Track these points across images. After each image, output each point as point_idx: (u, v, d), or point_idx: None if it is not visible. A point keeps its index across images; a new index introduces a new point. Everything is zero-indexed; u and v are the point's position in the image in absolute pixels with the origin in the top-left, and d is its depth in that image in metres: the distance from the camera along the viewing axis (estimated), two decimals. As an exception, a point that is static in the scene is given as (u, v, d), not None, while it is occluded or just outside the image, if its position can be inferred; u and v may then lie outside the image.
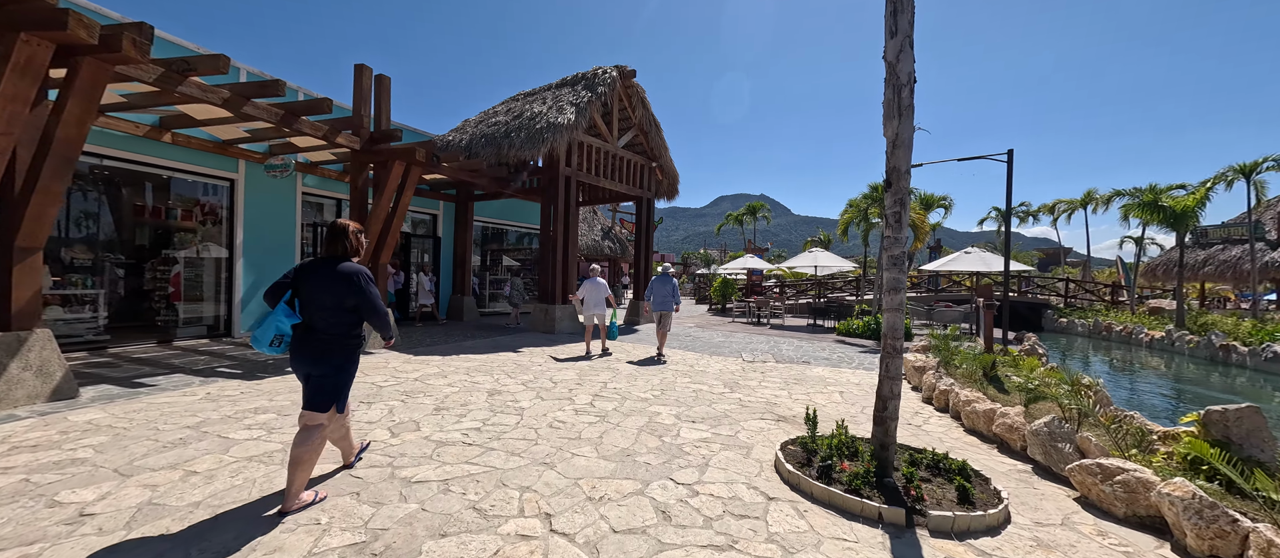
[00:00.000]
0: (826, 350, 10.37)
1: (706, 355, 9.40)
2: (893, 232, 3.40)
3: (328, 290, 2.78)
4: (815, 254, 15.56)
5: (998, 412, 4.38)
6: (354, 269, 2.83)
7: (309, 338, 2.80)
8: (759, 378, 7.32)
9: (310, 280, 2.80)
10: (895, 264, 3.39)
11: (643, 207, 15.18)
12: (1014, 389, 6.16)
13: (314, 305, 2.80)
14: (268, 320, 2.73)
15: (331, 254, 2.90)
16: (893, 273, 3.39)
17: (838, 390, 6.61)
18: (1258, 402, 10.27)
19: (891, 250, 3.41)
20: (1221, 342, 12.23)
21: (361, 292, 2.80)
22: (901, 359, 3.37)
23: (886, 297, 3.43)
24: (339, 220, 2.94)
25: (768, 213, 33.61)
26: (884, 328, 3.41)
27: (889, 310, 3.40)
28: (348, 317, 2.84)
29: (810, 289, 23.71)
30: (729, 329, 13.99)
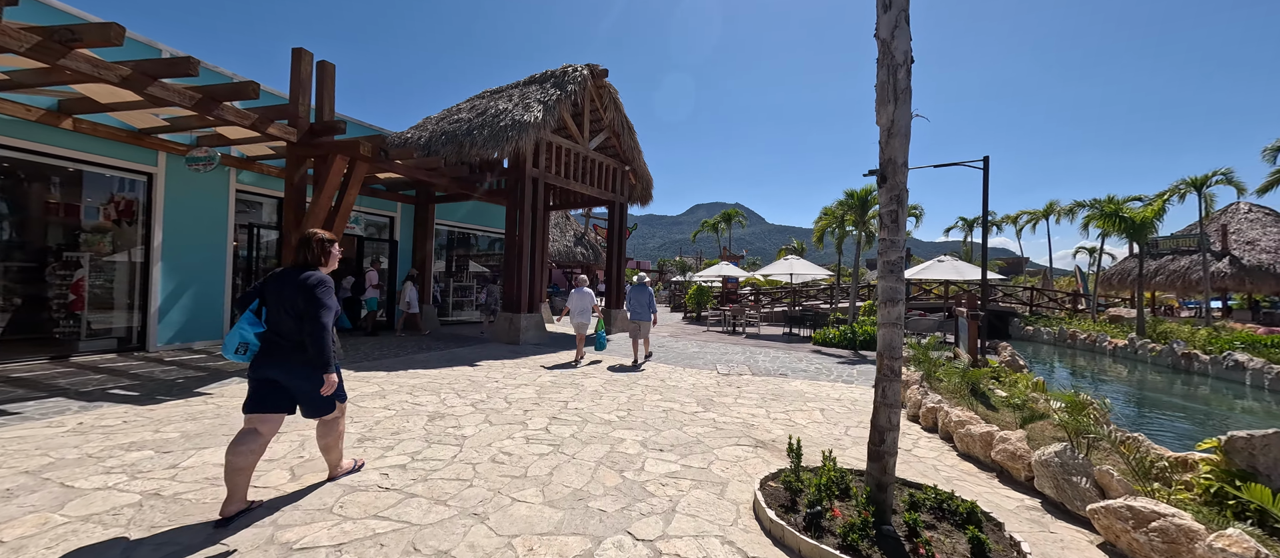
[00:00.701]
0: (804, 361, 9.97)
1: (680, 368, 8.85)
2: (889, 234, 2.92)
3: (288, 298, 2.79)
4: (791, 262, 15.29)
5: (996, 436, 3.94)
6: (315, 278, 2.83)
7: (275, 346, 2.83)
8: (735, 393, 6.80)
9: (273, 288, 2.84)
10: (892, 271, 2.90)
11: (615, 211, 14.61)
12: (1001, 405, 5.82)
13: (277, 313, 2.82)
14: (233, 329, 2.80)
15: (297, 263, 2.93)
16: (889, 282, 2.90)
17: (819, 407, 6.14)
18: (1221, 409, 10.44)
19: (887, 255, 2.92)
20: (1183, 350, 12.44)
21: (311, 299, 2.76)
22: (900, 383, 2.87)
23: (882, 309, 2.93)
24: (311, 230, 2.98)
25: (743, 219, 33.60)
26: (880, 346, 2.91)
27: (884, 325, 2.91)
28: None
29: (785, 297, 23.55)
30: (704, 339, 13.51)
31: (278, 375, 2.80)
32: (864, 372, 8.93)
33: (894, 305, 2.88)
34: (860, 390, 7.32)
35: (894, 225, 2.89)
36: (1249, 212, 24.03)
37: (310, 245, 2.92)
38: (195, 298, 8.91)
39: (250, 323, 2.82)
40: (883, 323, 2.91)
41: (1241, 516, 2.93)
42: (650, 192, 15.38)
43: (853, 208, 12.49)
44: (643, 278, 9.48)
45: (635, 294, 9.15)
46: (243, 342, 2.79)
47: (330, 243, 3.00)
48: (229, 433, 4.22)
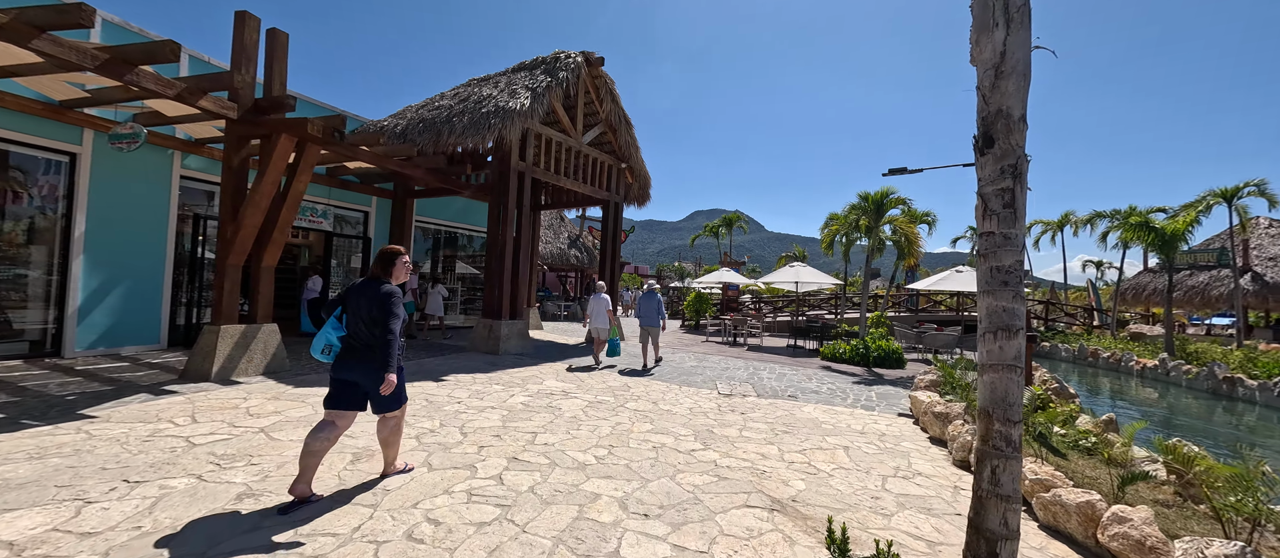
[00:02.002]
0: (814, 380, 8.91)
1: (675, 386, 7.79)
2: (1000, 226, 1.91)
3: (365, 307, 3.10)
4: (796, 269, 14.29)
5: (1107, 514, 2.89)
6: (388, 290, 3.13)
7: (353, 349, 3.15)
8: (739, 423, 5.74)
9: (354, 297, 3.16)
10: (1005, 284, 1.87)
11: (610, 211, 13.59)
12: (1063, 446, 4.78)
13: (355, 320, 3.14)
14: (320, 333, 3.15)
15: (374, 275, 3.24)
16: (1001, 299, 1.89)
17: (841, 445, 5.08)
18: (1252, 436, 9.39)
19: (997, 257, 1.91)
20: (1224, 374, 11.42)
21: (383, 308, 3.08)
22: (1020, 462, 1.83)
23: (989, 343, 1.89)
24: (387, 246, 3.32)
25: (744, 224, 32.60)
26: (984, 400, 1.89)
27: (992, 368, 1.87)
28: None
29: (788, 306, 22.52)
30: (703, 351, 12.46)
31: (356, 377, 3.12)
32: (884, 395, 7.88)
33: (1011, 338, 1.84)
34: (886, 420, 6.26)
35: (1009, 213, 1.87)
36: (1269, 227, 23.15)
37: (385, 258, 3.27)
38: (126, 297, 7.84)
39: (334, 328, 3.16)
40: (989, 365, 1.87)
41: None
42: (648, 191, 14.37)
43: (866, 212, 11.50)
44: (652, 285, 9.84)
45: (645, 301, 9.49)
46: (328, 343, 3.15)
47: (399, 256, 3.29)
48: (81, 481, 3.17)
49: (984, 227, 1.92)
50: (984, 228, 1.92)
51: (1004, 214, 1.88)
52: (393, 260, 3.26)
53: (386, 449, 3.50)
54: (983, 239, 1.93)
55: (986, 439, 1.88)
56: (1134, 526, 2.69)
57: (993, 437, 1.86)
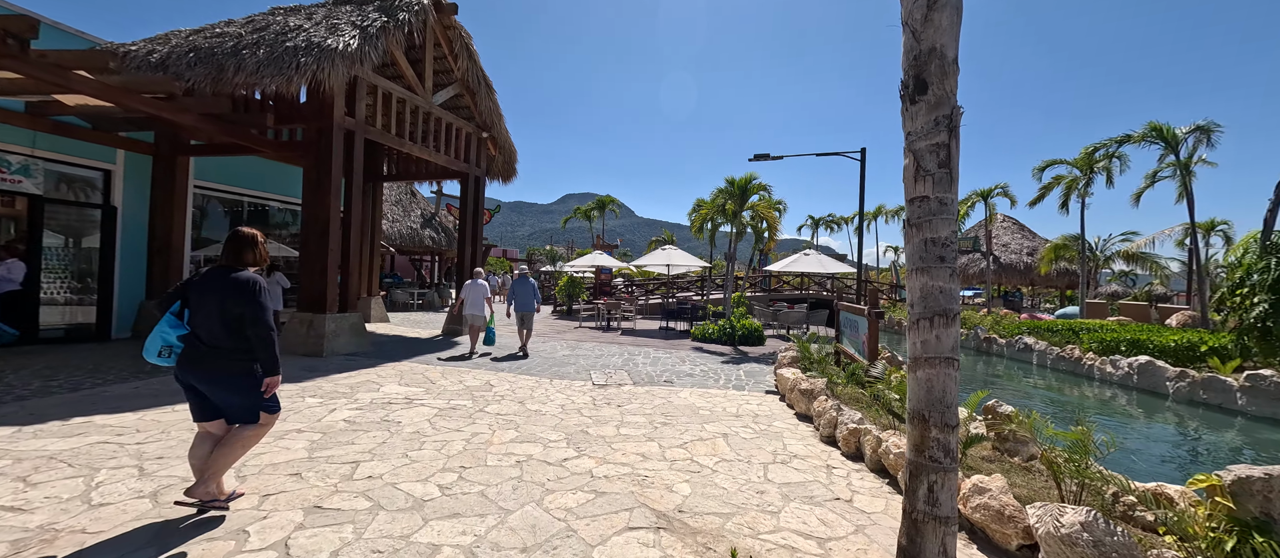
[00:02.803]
0: (687, 363, 8.92)
1: (546, 379, 7.03)
2: (934, 189, 1.56)
3: (219, 301, 2.71)
4: (667, 252, 14.44)
5: (968, 485, 2.97)
6: (249, 278, 2.77)
7: (196, 352, 2.75)
8: (617, 418, 5.25)
9: (199, 290, 2.76)
10: (942, 262, 1.54)
11: (470, 186, 12.02)
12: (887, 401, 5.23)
13: (202, 317, 2.74)
14: (154, 331, 2.74)
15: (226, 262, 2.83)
16: (936, 279, 1.54)
17: (721, 433, 4.89)
18: (1014, 383, 12.28)
19: (933, 229, 1.59)
20: (984, 334, 14.58)
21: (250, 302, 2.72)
22: (957, 475, 1.53)
23: (923, 332, 1.57)
24: (243, 229, 2.89)
25: (616, 209, 32.57)
26: (917, 403, 1.55)
27: (927, 362, 1.55)
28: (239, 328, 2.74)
29: (659, 289, 23.07)
30: (576, 337, 11.83)
31: (197, 383, 2.76)
32: (751, 373, 8.15)
33: (948, 325, 1.53)
34: (756, 400, 6.36)
35: (945, 174, 1.55)
36: (1003, 220, 30.56)
37: (241, 242, 2.86)
38: None
39: (172, 326, 2.77)
40: (924, 359, 1.54)
41: None
42: (514, 166, 13.08)
43: (732, 196, 11.98)
44: (524, 270, 10.52)
45: (520, 285, 9.32)
46: (166, 344, 2.75)
47: (257, 242, 2.91)
48: None
49: (915, 191, 1.61)
50: (915, 192, 1.61)
51: (939, 175, 1.58)
52: (250, 247, 2.89)
53: (212, 464, 2.82)
54: (914, 206, 1.61)
55: (922, 449, 1.60)
56: (993, 496, 2.80)
57: (929, 446, 1.57)
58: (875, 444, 3.96)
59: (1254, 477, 2.50)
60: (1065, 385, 10.60)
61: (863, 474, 3.93)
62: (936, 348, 1.60)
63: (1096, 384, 10.40)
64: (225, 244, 2.87)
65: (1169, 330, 11.27)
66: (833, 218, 37.55)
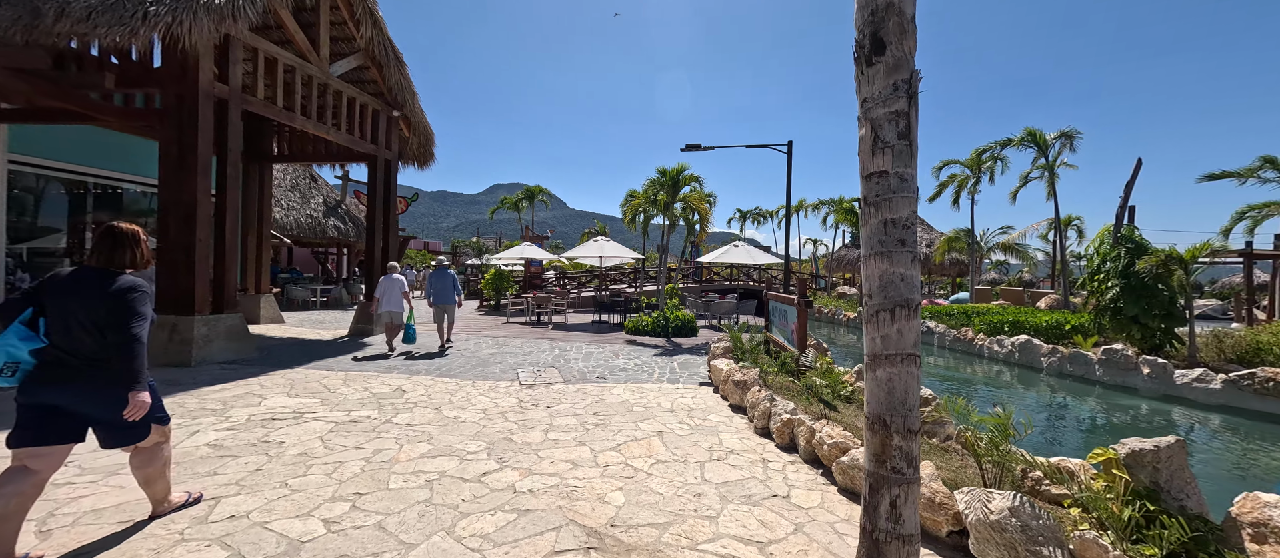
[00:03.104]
0: (621, 357, 8.67)
1: (467, 381, 6.45)
2: (892, 163, 1.40)
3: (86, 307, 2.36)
4: (600, 243, 14.09)
5: (900, 472, 2.97)
6: (127, 283, 2.43)
7: (60, 366, 2.35)
8: (545, 421, 4.86)
9: (59, 294, 2.38)
10: (903, 245, 1.38)
11: (379, 170, 10.84)
12: (832, 399, 5.35)
13: (65, 325, 2.37)
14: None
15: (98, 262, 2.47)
16: (897, 264, 1.38)
17: (655, 431, 4.68)
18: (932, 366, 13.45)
19: (893, 208, 1.44)
20: (894, 319, 15.82)
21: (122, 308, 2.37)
22: (918, 488, 1.38)
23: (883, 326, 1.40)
24: (120, 224, 2.53)
25: (547, 199, 31.45)
26: (876, 407, 1.40)
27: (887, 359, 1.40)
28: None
29: (591, 281, 22.65)
30: (504, 334, 11.15)
31: (63, 401, 2.36)
32: (685, 365, 8.08)
33: (910, 318, 1.36)
34: (690, 393, 6.25)
35: (904, 145, 1.38)
36: (907, 216, 33.54)
37: (119, 240, 2.49)
38: None
39: (22, 337, 2.30)
40: (884, 356, 1.37)
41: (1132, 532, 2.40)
42: (431, 149, 12.01)
43: (665, 186, 11.87)
44: (442, 261, 9.51)
45: (438, 277, 9.03)
46: (11, 360, 2.26)
47: (137, 239, 2.54)
48: None
49: (873, 165, 1.43)
50: (873, 166, 1.43)
51: (898, 147, 1.41)
52: (126, 246, 2.53)
53: (149, 488, 2.74)
54: (872, 183, 1.43)
55: (882, 459, 1.43)
56: (923, 483, 2.79)
57: (891, 455, 1.40)
58: (808, 435, 3.94)
59: (1145, 449, 2.68)
60: (961, 364, 11.73)
61: (798, 466, 3.89)
62: (898, 343, 1.43)
63: (986, 361, 11.61)
64: (96, 241, 2.52)
65: (1041, 312, 12.85)
66: (759, 210, 39.17)
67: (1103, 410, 7.89)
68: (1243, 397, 7.12)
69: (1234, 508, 2.42)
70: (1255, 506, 2.32)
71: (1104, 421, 7.54)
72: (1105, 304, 9.36)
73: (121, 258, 2.51)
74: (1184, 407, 7.61)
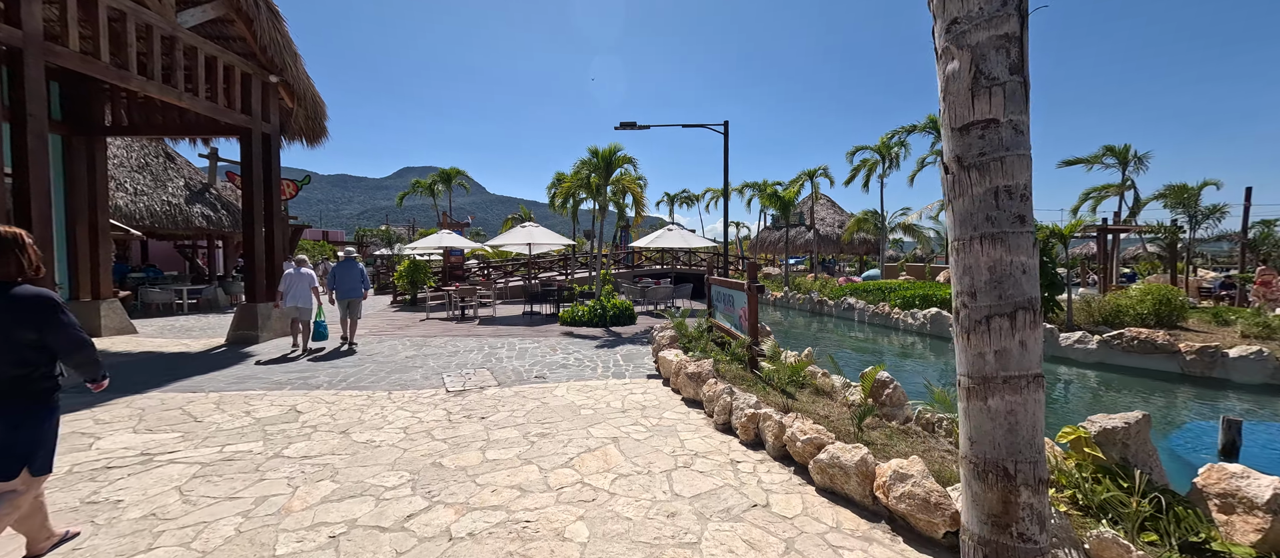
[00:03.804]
0: (559, 351, 8.06)
1: (382, 392, 5.53)
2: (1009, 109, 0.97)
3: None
4: (529, 229, 13.16)
5: (886, 472, 2.77)
6: (43, 297, 2.27)
7: None
8: (481, 436, 4.19)
9: None
10: (1021, 222, 0.96)
11: (254, 145, 9.08)
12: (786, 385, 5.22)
13: None
14: None
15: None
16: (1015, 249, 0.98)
17: (610, 438, 4.21)
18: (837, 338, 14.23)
19: (1005, 172, 1.02)
20: (818, 298, 16.63)
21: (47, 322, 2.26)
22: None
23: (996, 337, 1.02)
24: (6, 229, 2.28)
25: (465, 183, 29.15)
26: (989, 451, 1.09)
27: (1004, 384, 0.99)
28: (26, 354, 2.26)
29: (519, 270, 21.46)
30: (423, 332, 10.01)
31: None
32: (629, 357, 7.66)
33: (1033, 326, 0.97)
34: (640, 388, 5.84)
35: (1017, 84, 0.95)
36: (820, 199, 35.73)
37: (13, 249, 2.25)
38: None
39: None
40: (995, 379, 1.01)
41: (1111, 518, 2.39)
42: (322, 123, 10.32)
43: (597, 168, 11.23)
44: (350, 252, 9.04)
45: (344, 270, 8.41)
46: None
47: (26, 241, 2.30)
48: None
49: (974, 111, 1.03)
50: (974, 113, 1.03)
51: (1011, 86, 1.01)
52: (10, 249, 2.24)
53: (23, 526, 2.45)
54: (970, 137, 1.03)
55: (1004, 522, 1.03)
56: (916, 482, 2.62)
57: (1018, 516, 1.00)
58: (777, 431, 3.69)
59: (1116, 427, 2.68)
60: (880, 337, 12.53)
61: (768, 466, 3.63)
62: (1021, 361, 1.06)
63: (901, 333, 12.50)
64: None
65: (945, 286, 14.09)
66: (687, 194, 39.62)
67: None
68: (1113, 354, 8.18)
69: (1199, 479, 2.47)
70: (1222, 477, 2.36)
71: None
72: (1001, 276, 10.35)
73: (7, 266, 2.24)
74: (1068, 365, 8.62)
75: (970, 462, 1.19)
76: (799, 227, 32.05)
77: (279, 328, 9.14)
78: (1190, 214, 12.08)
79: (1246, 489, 2.25)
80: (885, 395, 4.23)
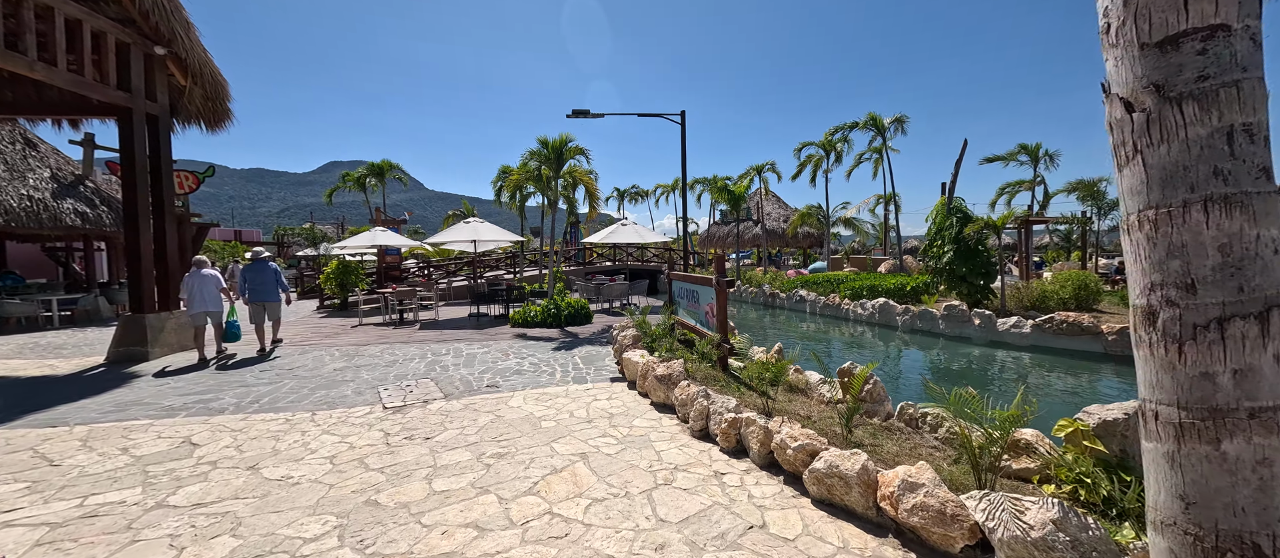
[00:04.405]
0: (512, 355, 7.46)
1: (304, 413, 4.74)
2: (1238, 11, 0.61)
3: None
4: (474, 226, 12.26)
5: (893, 481, 2.53)
6: None
7: None
8: (427, 461, 3.61)
9: None
10: (1264, 175, 0.63)
11: (136, 128, 7.69)
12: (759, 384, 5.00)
13: None
14: None
15: None
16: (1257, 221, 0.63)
17: (577, 455, 3.76)
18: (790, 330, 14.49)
19: (1239, 106, 0.64)
20: (769, 290, 16.88)
21: None
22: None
23: (1231, 355, 0.66)
24: None
25: (402, 178, 27.11)
26: (1220, 518, 0.70)
27: (1254, 421, 0.66)
28: None
29: (464, 268, 20.26)
30: (356, 340, 9.00)
31: None
32: (589, 359, 7.21)
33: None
34: (604, 393, 5.42)
35: None
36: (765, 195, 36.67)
37: None
38: None
39: None
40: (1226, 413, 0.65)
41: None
42: (225, 104, 8.98)
43: (547, 160, 10.59)
44: (259, 252, 8.17)
45: (255, 272, 7.85)
46: None
47: None
48: None
49: (1188, 16, 0.67)
50: (1188, 20, 0.67)
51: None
52: None
53: None
54: (1186, 53, 0.67)
55: None
56: (928, 492, 2.40)
57: None
58: (763, 438, 3.40)
59: (1116, 418, 2.59)
60: (831, 327, 12.83)
61: (755, 476, 3.33)
62: (1275, 387, 0.74)
63: (851, 323, 12.86)
64: None
65: (888, 276, 14.69)
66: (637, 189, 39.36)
67: (952, 358, 9.09)
68: (1045, 337, 8.73)
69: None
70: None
71: (959, 366, 8.65)
72: (942, 267, 10.85)
73: None
74: (1005, 349, 9.12)
75: (1183, 532, 0.86)
76: (747, 221, 32.72)
77: (176, 341, 7.85)
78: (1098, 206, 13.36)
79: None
80: (865, 391, 4.08)
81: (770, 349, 6.02)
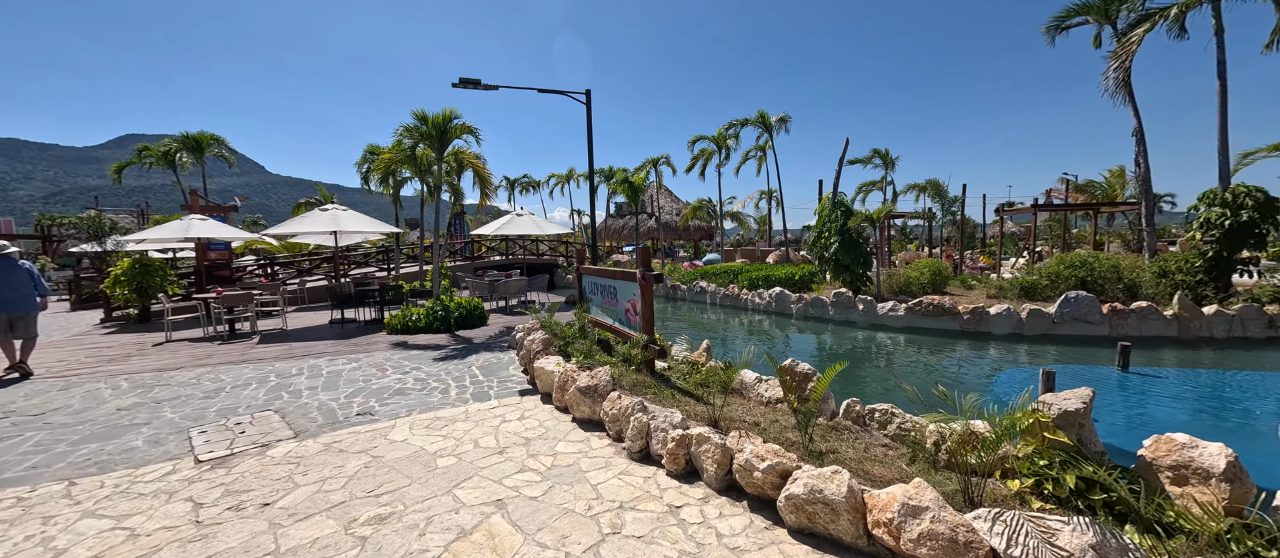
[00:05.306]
0: (391, 370, 6.13)
1: (53, 484, 3.14)
2: None
3: None
4: (335, 214, 10.08)
5: (902, 505, 2.19)
6: None
7: None
8: (265, 544, 2.49)
9: None
10: None
11: None
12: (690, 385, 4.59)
13: None
14: None
15: None
16: None
17: (492, 501, 2.93)
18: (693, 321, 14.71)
19: None
20: (671, 283, 16.95)
21: None
22: None
23: None
24: None
25: (228, 156, 21.79)
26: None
27: None
28: None
29: (321, 266, 17.12)
30: (158, 362, 6.76)
31: None
32: (488, 369, 6.21)
33: None
34: (514, 412, 4.56)
35: None
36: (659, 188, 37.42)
37: None
38: None
39: None
40: None
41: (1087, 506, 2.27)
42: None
43: (428, 138, 9.02)
44: (4, 246, 6.43)
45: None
46: None
47: None
48: None
49: None
50: None
51: None
52: None
53: None
54: None
55: None
56: (934, 516, 2.09)
57: None
58: (720, 458, 2.93)
59: (1074, 408, 2.57)
60: (732, 317, 13.18)
61: (716, 504, 2.83)
62: None
63: (749, 312, 13.34)
64: None
65: (780, 267, 15.59)
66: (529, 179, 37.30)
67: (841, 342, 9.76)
68: (916, 318, 9.78)
69: (1147, 452, 2.46)
70: (1172, 448, 2.36)
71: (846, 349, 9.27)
72: (829, 257, 11.68)
73: None
74: (884, 331, 10.05)
75: None
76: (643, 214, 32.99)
77: None
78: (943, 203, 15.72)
79: (1199, 460, 2.27)
80: (809, 389, 3.84)
81: (697, 348, 5.65)
